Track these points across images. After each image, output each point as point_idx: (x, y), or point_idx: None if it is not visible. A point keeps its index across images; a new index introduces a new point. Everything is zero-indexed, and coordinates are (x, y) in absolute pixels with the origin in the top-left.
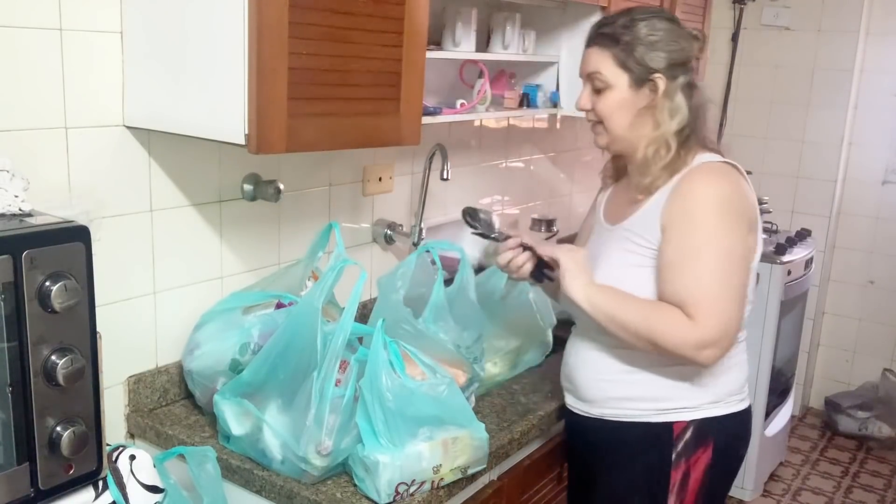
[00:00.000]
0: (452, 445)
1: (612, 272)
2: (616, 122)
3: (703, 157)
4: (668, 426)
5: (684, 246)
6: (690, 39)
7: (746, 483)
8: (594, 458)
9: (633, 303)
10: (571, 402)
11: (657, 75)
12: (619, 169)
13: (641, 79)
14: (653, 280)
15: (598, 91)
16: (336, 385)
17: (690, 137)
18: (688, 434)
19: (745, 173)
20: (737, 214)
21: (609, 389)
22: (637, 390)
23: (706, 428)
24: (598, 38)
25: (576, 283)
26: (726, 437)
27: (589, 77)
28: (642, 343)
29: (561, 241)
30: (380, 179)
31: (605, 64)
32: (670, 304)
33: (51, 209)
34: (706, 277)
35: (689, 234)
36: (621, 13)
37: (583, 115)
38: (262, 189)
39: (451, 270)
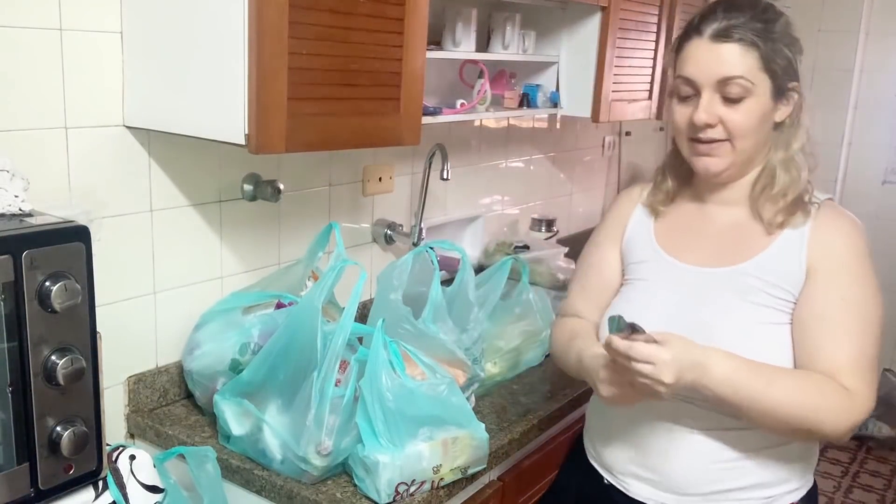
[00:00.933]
0: (452, 445)
1: (737, 336)
2: (751, 141)
3: (821, 194)
4: None
5: (846, 304)
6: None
7: None
8: None
9: (781, 377)
10: (649, 493)
11: (796, 84)
12: (675, 191)
13: (782, 88)
14: (790, 341)
15: (730, 101)
16: (336, 385)
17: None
18: None
19: None
20: (875, 271)
21: (719, 479)
22: (751, 478)
23: (811, 502)
24: (736, 30)
25: (696, 369)
26: None
27: (721, 83)
28: (788, 428)
29: (561, 242)
30: (380, 179)
31: (751, 65)
32: (820, 374)
33: (51, 209)
34: (868, 345)
35: (851, 290)
36: (739, 1)
37: (582, 115)
38: (262, 189)
39: (451, 270)
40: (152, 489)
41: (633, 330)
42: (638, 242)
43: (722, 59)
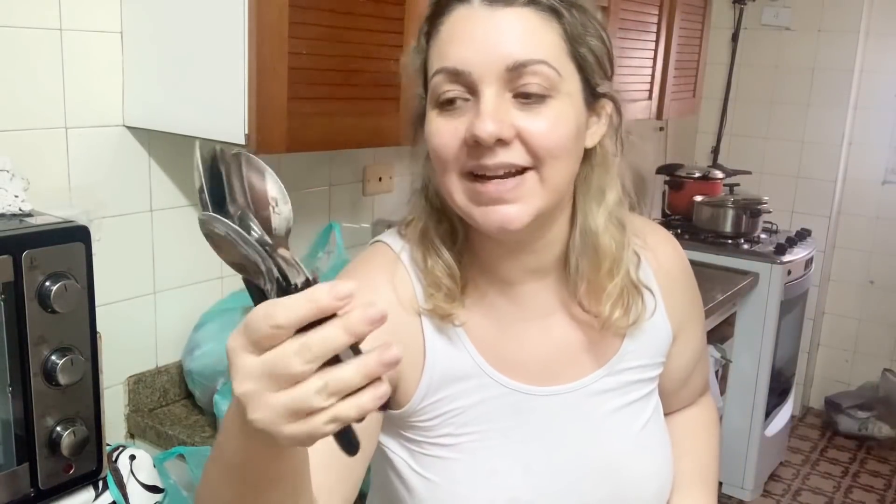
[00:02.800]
0: None
1: (633, 442)
2: (567, 167)
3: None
4: None
5: (702, 334)
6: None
7: (746, 483)
8: None
9: (703, 455)
10: None
11: (608, 88)
12: (465, 277)
13: (593, 90)
14: (661, 411)
15: (527, 103)
16: None
17: None
18: None
19: None
20: None
21: None
22: None
23: None
24: None
25: None
26: None
27: (513, 72)
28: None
29: None
30: (380, 179)
31: (552, 43)
32: (703, 407)
33: (51, 209)
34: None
35: (700, 316)
36: None
37: None
38: None
39: None
40: (152, 489)
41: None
42: (453, 372)
43: (508, 31)
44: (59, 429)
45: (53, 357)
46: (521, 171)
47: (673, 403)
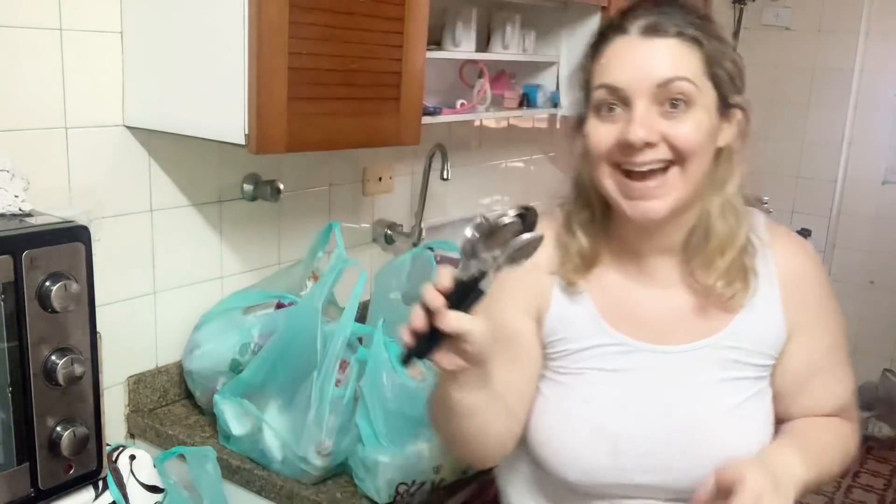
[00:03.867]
0: None
1: (724, 415)
2: (703, 164)
3: (752, 213)
4: None
5: (831, 344)
6: None
7: None
8: None
9: (831, 451)
10: None
11: (740, 99)
12: (594, 255)
13: (726, 101)
14: (770, 405)
15: (669, 112)
16: (336, 385)
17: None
18: None
19: None
20: None
21: None
22: None
23: None
24: (671, 24)
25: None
26: None
27: (661, 88)
28: (831, 479)
29: None
30: (380, 179)
31: (695, 66)
32: (831, 419)
33: (51, 209)
34: (850, 367)
35: (830, 328)
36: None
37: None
38: (262, 189)
39: None
40: (152, 489)
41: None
42: (573, 322)
43: (659, 57)
44: (59, 429)
45: (53, 357)
46: (666, 167)
47: (792, 407)
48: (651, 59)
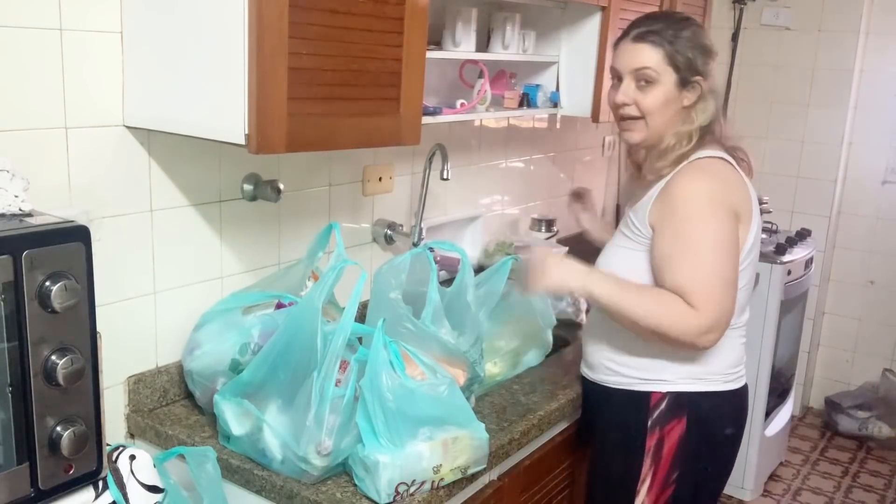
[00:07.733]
0: (452, 445)
1: (609, 251)
2: (659, 118)
3: (702, 153)
4: (646, 395)
5: (677, 240)
6: (713, 47)
7: (746, 483)
8: (592, 417)
9: (635, 292)
10: (582, 366)
11: (699, 78)
12: (635, 164)
13: (686, 80)
14: (646, 264)
15: (641, 87)
16: (336, 385)
17: (706, 133)
18: (663, 405)
19: (738, 166)
20: (721, 205)
21: (604, 358)
22: (623, 360)
23: (681, 401)
24: (650, 35)
25: (568, 273)
26: (702, 411)
27: (635, 72)
28: (644, 331)
29: (561, 242)
30: (380, 179)
31: (657, 60)
32: (670, 293)
33: (51, 209)
34: (702, 267)
35: (681, 228)
36: (662, 15)
37: (582, 115)
38: (262, 189)
39: (451, 270)
40: (152, 489)
41: None
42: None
43: (636, 54)
44: (59, 429)
45: (53, 357)
46: (639, 117)
47: (655, 280)
48: (633, 55)
